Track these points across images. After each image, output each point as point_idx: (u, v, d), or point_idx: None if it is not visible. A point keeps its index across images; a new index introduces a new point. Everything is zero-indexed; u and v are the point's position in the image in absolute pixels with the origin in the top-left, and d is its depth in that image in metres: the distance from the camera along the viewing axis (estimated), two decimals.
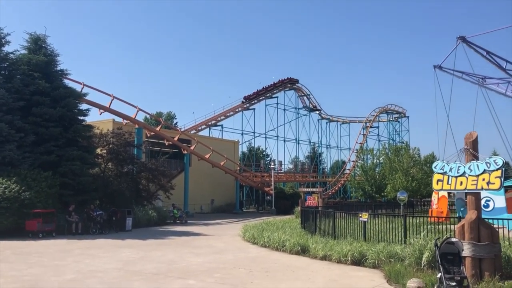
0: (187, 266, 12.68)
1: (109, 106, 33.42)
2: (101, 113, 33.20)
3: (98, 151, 28.73)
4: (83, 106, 28.11)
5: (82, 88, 29.92)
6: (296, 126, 71.43)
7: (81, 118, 26.97)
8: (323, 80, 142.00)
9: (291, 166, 79.09)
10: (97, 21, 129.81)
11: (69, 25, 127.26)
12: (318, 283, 10.33)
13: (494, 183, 9.70)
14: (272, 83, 66.75)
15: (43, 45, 25.93)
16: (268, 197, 52.55)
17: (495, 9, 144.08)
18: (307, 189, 59.67)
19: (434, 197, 29.48)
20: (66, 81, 27.22)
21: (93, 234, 22.15)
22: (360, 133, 76.50)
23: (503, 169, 9.72)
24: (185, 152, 41.91)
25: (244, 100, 63.19)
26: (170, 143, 39.92)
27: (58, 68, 26.48)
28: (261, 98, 65.34)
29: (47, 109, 24.00)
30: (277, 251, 15.75)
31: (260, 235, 18.19)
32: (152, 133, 38.39)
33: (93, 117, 32.67)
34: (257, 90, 64.51)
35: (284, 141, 69.54)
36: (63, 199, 23.47)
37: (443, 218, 15.52)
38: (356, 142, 74.06)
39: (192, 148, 42.41)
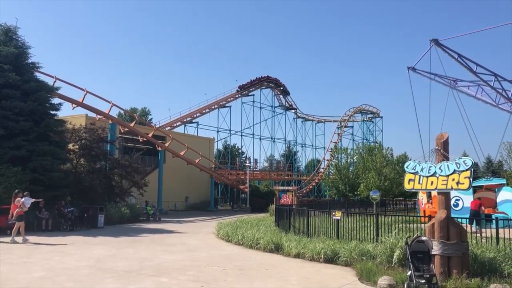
0: (160, 263, 12.56)
1: (82, 101, 32.81)
2: (73, 107, 32.53)
3: (70, 146, 28.17)
4: (55, 100, 27.44)
5: (55, 82, 29.21)
6: (272, 125, 71.95)
7: (53, 112, 26.31)
8: (299, 79, 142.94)
9: (266, 164, 79.41)
10: (70, 15, 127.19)
11: (41, 19, 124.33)
12: (291, 280, 10.40)
13: (463, 183, 9.94)
14: (266, 75, 68.70)
15: (14, 37, 25.11)
16: (243, 195, 52.61)
17: (471, 10, 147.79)
18: (282, 187, 60.11)
19: (422, 196, 29.50)
20: (37, 74, 26.47)
21: (64, 231, 21.74)
22: (334, 133, 77.43)
23: (472, 169, 9.96)
24: (159, 148, 41.54)
25: (239, 89, 64.65)
26: (144, 139, 39.51)
27: (30, 60, 25.70)
28: (255, 87, 67.63)
29: (17, 102, 23.33)
30: (251, 249, 15.77)
31: (234, 233, 18.19)
32: (126, 129, 37.88)
33: (66, 112, 31.87)
34: (251, 80, 66.24)
35: (260, 139, 69.83)
36: (33, 195, 22.85)
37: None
38: (331, 141, 74.98)
39: (166, 144, 42.08)
